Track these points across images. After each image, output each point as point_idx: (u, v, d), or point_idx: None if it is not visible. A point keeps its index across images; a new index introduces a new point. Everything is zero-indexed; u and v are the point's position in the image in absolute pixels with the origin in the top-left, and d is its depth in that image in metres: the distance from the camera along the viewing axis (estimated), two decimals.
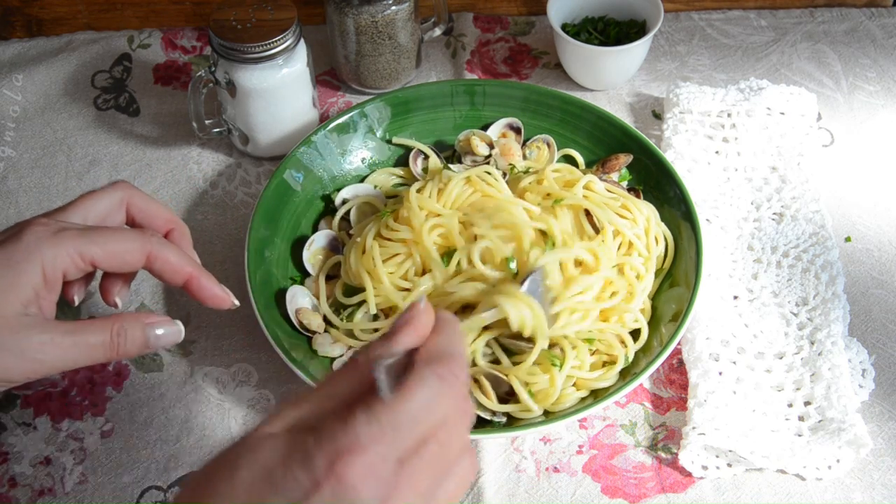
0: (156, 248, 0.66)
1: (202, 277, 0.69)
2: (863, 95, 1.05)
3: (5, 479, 0.78)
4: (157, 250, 0.66)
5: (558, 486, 0.77)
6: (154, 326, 0.66)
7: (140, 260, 0.66)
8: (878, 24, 1.13)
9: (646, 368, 0.77)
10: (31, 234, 0.63)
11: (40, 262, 0.62)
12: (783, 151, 0.96)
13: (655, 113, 1.04)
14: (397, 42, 1.01)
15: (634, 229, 0.85)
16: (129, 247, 0.65)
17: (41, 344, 0.61)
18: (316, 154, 0.94)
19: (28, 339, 0.61)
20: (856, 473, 0.76)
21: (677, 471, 0.77)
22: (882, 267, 0.90)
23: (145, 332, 0.65)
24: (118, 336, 0.63)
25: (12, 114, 1.05)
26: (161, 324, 0.66)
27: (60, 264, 0.63)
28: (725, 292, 0.86)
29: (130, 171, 1.00)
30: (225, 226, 0.95)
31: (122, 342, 0.64)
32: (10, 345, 0.60)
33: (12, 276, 0.61)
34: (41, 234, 0.63)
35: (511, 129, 0.97)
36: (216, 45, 0.90)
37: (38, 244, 0.62)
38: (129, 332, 0.64)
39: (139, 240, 0.66)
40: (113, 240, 0.65)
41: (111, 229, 0.66)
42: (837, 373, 0.79)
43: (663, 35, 1.12)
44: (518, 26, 1.13)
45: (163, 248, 0.66)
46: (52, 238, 0.62)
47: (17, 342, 0.60)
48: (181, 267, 0.67)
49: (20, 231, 0.63)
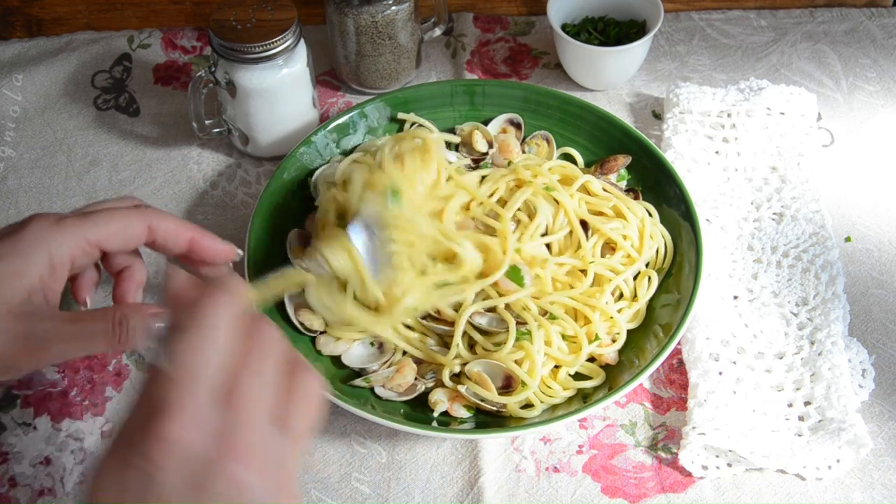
0: (155, 219, 0.67)
1: (204, 237, 0.69)
2: (863, 95, 1.05)
3: (5, 479, 0.78)
4: (156, 221, 0.67)
5: (558, 486, 0.77)
6: (156, 318, 0.65)
7: (143, 233, 0.67)
8: (878, 24, 1.13)
9: (646, 368, 0.77)
10: (35, 224, 0.63)
11: (47, 251, 0.63)
12: (783, 151, 0.96)
13: (655, 113, 1.04)
14: (397, 42, 1.01)
15: (625, 230, 0.85)
16: (130, 223, 0.66)
17: (44, 331, 0.61)
18: (316, 154, 0.94)
19: (32, 325, 0.61)
20: (856, 473, 0.76)
21: (677, 471, 0.77)
22: (882, 267, 0.90)
23: (146, 323, 0.65)
24: (119, 325, 0.64)
25: (12, 114, 1.05)
26: (163, 315, 0.66)
27: (67, 251, 0.63)
28: (725, 292, 0.86)
29: (130, 171, 1.00)
30: (225, 226, 0.95)
31: (123, 331, 0.64)
32: (14, 331, 0.61)
33: (18, 264, 0.62)
34: (45, 223, 0.64)
35: (511, 125, 0.97)
36: (216, 45, 0.90)
37: (43, 233, 0.63)
38: (130, 322, 0.64)
39: (138, 214, 0.67)
40: (113, 219, 0.66)
41: (109, 210, 0.67)
42: (837, 373, 0.79)
43: (663, 35, 1.12)
44: (518, 26, 1.13)
45: (161, 217, 0.68)
46: (56, 226, 0.63)
47: (22, 329, 0.61)
48: (182, 232, 0.68)
49: (25, 223, 0.64)
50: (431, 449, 0.79)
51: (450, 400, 0.78)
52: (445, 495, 0.76)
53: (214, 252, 0.70)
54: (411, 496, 0.76)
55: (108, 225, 0.65)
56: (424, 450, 0.79)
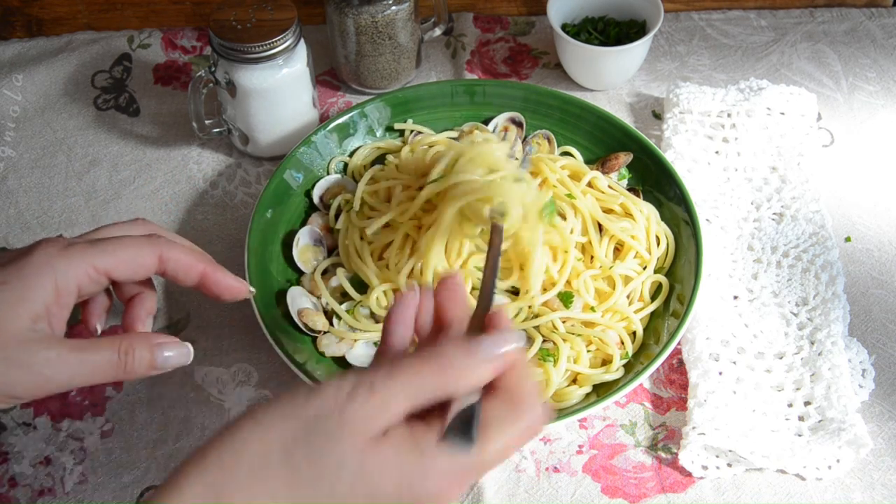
0: (166, 249, 0.65)
1: (216, 272, 0.68)
2: (863, 95, 1.05)
3: (5, 479, 0.78)
4: (167, 252, 0.65)
5: (558, 486, 0.77)
6: (163, 348, 0.65)
7: (153, 264, 0.65)
8: (878, 24, 1.13)
9: (646, 368, 0.77)
10: (42, 250, 0.62)
11: (52, 277, 0.61)
12: (783, 151, 0.96)
13: (655, 113, 1.04)
14: (397, 42, 1.01)
15: (634, 229, 0.85)
16: (141, 252, 0.65)
17: (47, 360, 0.60)
18: (316, 154, 0.94)
19: (35, 353, 0.59)
20: (856, 473, 0.76)
21: (677, 471, 0.77)
22: (882, 267, 0.90)
23: (153, 353, 0.64)
24: (126, 355, 0.63)
25: (12, 114, 1.05)
26: (170, 345, 0.65)
27: (73, 278, 0.62)
28: (725, 292, 0.86)
29: (130, 171, 1.00)
30: (225, 226, 0.95)
31: (129, 361, 0.63)
32: (16, 358, 0.59)
33: (22, 290, 0.60)
34: (52, 249, 0.62)
35: (513, 124, 0.97)
36: (216, 45, 0.90)
37: (49, 259, 0.61)
38: (137, 352, 0.63)
39: (148, 244, 0.65)
40: (123, 248, 0.64)
41: (119, 238, 0.65)
42: (837, 373, 0.79)
43: (663, 35, 1.12)
44: (518, 26, 1.13)
45: (172, 248, 0.66)
46: (63, 252, 0.62)
47: (24, 356, 0.59)
48: (194, 264, 0.67)
49: (32, 248, 0.62)
50: None
51: None
52: None
53: (227, 288, 0.68)
54: None
55: (117, 254, 0.63)
56: None
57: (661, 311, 0.83)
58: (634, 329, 0.82)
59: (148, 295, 0.69)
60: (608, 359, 0.80)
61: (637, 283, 0.84)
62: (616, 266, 0.84)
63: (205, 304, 0.88)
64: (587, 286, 0.83)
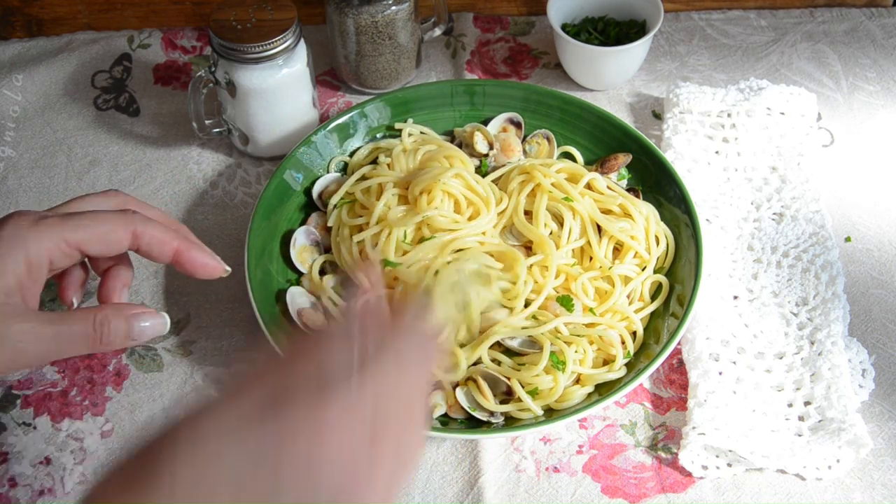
0: (140, 225, 0.65)
1: (191, 249, 0.67)
2: (863, 95, 1.05)
3: (5, 479, 0.78)
4: (141, 228, 0.65)
5: (558, 486, 0.77)
6: (138, 318, 0.64)
7: (126, 239, 0.64)
8: (878, 24, 1.13)
9: (646, 368, 0.77)
10: (12, 224, 0.61)
11: (23, 251, 0.61)
12: (783, 151, 0.96)
13: (655, 113, 1.04)
14: (397, 42, 1.01)
15: (633, 230, 0.85)
16: (114, 227, 0.64)
17: (21, 333, 0.59)
18: (316, 154, 0.94)
19: (8, 327, 0.59)
20: (856, 473, 0.76)
21: (677, 471, 0.77)
22: (882, 267, 0.90)
23: (128, 324, 0.63)
24: (101, 326, 0.62)
25: (12, 114, 1.05)
26: (145, 315, 0.64)
27: (45, 252, 0.61)
28: (725, 292, 0.86)
29: (130, 171, 1.00)
30: (225, 226, 0.95)
31: (105, 332, 0.62)
32: None
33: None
34: (23, 223, 0.61)
35: (511, 124, 0.97)
36: (216, 45, 0.90)
37: (20, 233, 0.61)
38: (111, 323, 0.62)
39: (122, 220, 0.64)
40: (96, 223, 0.63)
41: (93, 213, 0.65)
42: (837, 373, 0.79)
43: (663, 35, 1.12)
44: (518, 26, 1.13)
45: (147, 224, 0.65)
46: (34, 226, 0.61)
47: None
48: (168, 241, 0.66)
49: (3, 221, 0.62)
50: (431, 449, 0.79)
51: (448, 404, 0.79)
52: (445, 495, 0.76)
53: (202, 265, 0.67)
54: (411, 496, 0.76)
55: (90, 229, 0.63)
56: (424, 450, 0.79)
57: (661, 311, 0.83)
58: (635, 329, 0.82)
59: (124, 267, 0.68)
60: (609, 358, 0.80)
61: (637, 283, 0.84)
62: (615, 266, 0.84)
63: (205, 304, 0.88)
64: (585, 289, 0.83)
